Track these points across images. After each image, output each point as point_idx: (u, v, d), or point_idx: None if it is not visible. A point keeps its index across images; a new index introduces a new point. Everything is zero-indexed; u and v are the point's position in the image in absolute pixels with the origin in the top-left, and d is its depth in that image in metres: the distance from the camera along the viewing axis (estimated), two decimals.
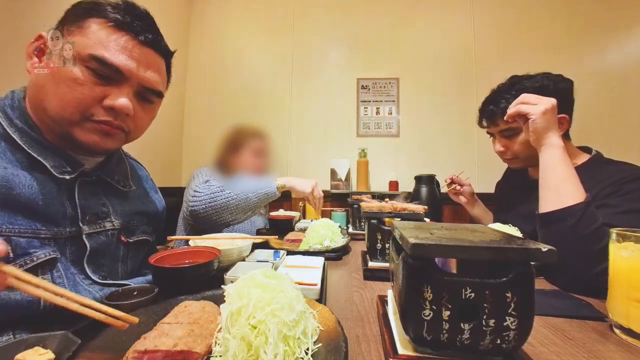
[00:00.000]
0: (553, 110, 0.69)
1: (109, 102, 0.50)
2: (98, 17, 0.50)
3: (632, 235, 0.44)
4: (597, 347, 0.40)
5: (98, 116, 0.50)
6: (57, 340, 0.33)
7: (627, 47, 1.81)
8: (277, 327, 0.32)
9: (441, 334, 0.32)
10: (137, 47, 0.52)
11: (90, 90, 0.49)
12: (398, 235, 0.37)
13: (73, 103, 0.48)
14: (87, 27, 0.49)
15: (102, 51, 0.49)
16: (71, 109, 0.49)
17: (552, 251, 0.29)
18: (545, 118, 0.69)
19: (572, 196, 0.63)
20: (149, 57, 0.54)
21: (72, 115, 0.49)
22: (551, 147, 0.69)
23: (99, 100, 0.50)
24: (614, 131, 1.78)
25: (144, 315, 0.41)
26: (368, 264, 0.72)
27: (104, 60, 0.49)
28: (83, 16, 0.50)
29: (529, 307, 0.30)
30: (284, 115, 2.05)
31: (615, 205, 0.67)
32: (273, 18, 2.09)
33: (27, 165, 0.49)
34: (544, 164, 0.70)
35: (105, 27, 0.50)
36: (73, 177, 0.53)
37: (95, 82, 0.49)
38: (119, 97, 0.51)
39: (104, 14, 0.50)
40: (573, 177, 0.66)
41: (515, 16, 1.94)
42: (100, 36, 0.49)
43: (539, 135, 0.70)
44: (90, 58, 0.48)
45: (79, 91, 0.48)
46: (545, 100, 0.69)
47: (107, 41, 0.49)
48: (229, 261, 0.68)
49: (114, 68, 0.50)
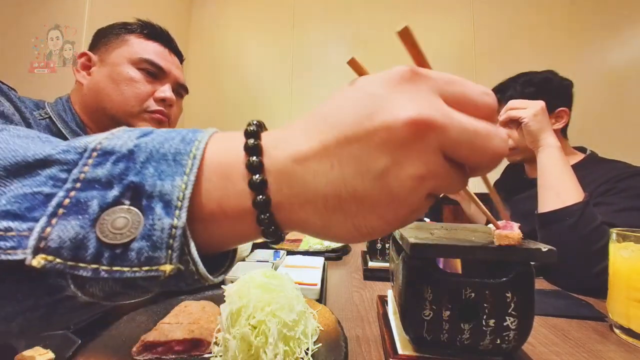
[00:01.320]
0: (543, 111, 0.70)
1: (160, 95, 0.63)
2: (132, 33, 0.64)
3: (632, 235, 0.44)
4: (597, 347, 0.40)
5: (152, 107, 0.63)
6: (57, 340, 0.33)
7: (627, 47, 1.81)
8: (277, 327, 0.32)
9: (441, 334, 0.32)
10: (169, 54, 0.67)
11: (144, 86, 0.62)
12: (398, 235, 0.37)
13: (133, 97, 0.60)
14: (128, 39, 0.63)
15: (148, 55, 0.62)
16: (132, 102, 0.61)
17: (552, 251, 0.29)
18: (537, 119, 0.70)
19: (570, 196, 0.64)
20: (175, 60, 0.69)
21: (133, 108, 0.61)
22: (548, 148, 0.70)
23: (151, 94, 0.63)
24: (613, 131, 1.77)
25: (144, 315, 0.41)
26: (368, 264, 0.72)
27: (152, 61, 0.62)
28: (119, 33, 0.63)
29: (529, 307, 0.30)
30: (284, 115, 2.05)
31: (611, 203, 0.68)
32: (273, 18, 2.09)
33: None
34: (541, 165, 0.71)
35: (143, 39, 0.64)
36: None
37: (147, 79, 0.62)
38: (166, 89, 0.64)
39: (137, 30, 0.64)
40: (571, 176, 0.66)
41: (515, 16, 1.93)
42: (143, 45, 0.63)
43: (534, 136, 0.71)
44: (141, 60, 0.62)
45: (136, 87, 0.61)
46: (533, 103, 0.71)
47: (147, 48, 0.63)
48: None
49: (159, 67, 0.63)
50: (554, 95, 0.83)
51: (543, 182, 0.70)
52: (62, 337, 0.34)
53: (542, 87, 0.85)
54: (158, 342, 0.34)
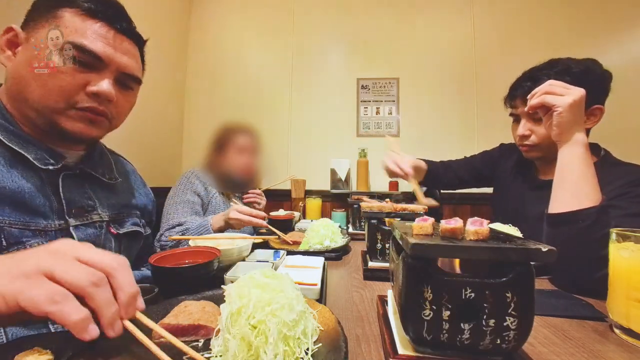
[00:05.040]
0: (581, 102, 0.62)
1: (92, 88, 0.51)
2: (70, 7, 0.50)
3: (632, 236, 0.44)
4: (597, 347, 0.40)
5: (82, 103, 0.51)
6: (57, 340, 0.33)
7: (628, 47, 1.81)
8: (277, 327, 0.32)
9: (441, 334, 0.32)
10: (113, 35, 0.53)
11: (72, 77, 0.50)
12: (398, 235, 0.37)
13: (56, 90, 0.49)
14: (61, 16, 0.50)
15: (80, 39, 0.49)
16: (55, 97, 0.49)
17: (552, 251, 0.29)
18: (573, 111, 0.61)
19: (588, 198, 0.60)
20: (124, 44, 0.55)
21: (57, 103, 0.50)
22: (574, 144, 0.63)
23: (82, 87, 0.51)
24: (613, 131, 1.77)
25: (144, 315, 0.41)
26: (368, 264, 0.72)
27: (83, 47, 0.49)
28: (54, 7, 0.50)
29: (529, 307, 0.30)
30: (284, 115, 2.05)
31: (623, 207, 0.64)
32: (273, 18, 2.09)
33: (8, 159, 0.49)
34: (562, 161, 0.65)
35: (79, 16, 0.50)
36: (57, 168, 0.53)
37: (76, 69, 0.50)
38: (101, 82, 0.52)
39: (75, 3, 0.51)
40: (592, 177, 0.61)
41: (515, 16, 1.93)
42: (76, 24, 0.50)
43: (562, 129, 0.63)
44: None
45: (61, 78, 0.49)
46: (574, 91, 0.61)
47: (83, 29, 0.50)
48: (229, 261, 0.68)
49: (93, 55, 0.50)
50: (592, 89, 0.70)
51: (561, 180, 0.64)
52: (62, 337, 0.33)
53: (581, 78, 0.71)
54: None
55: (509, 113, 0.89)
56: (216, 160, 1.23)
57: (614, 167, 0.75)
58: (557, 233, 0.62)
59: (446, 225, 0.34)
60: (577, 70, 0.74)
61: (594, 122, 0.76)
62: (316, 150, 2.02)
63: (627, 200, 0.65)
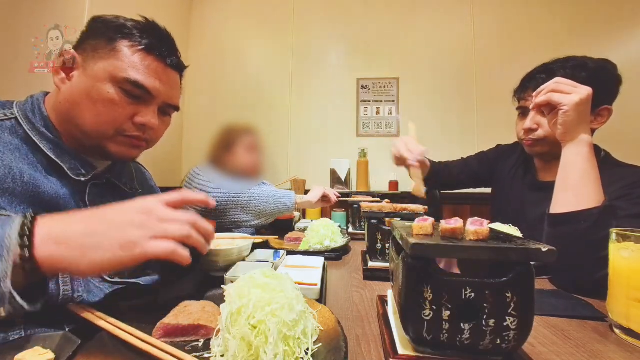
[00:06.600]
0: (588, 101, 0.61)
1: (141, 120, 0.55)
2: (128, 40, 0.54)
3: (632, 236, 0.44)
4: (597, 347, 0.40)
5: (129, 131, 0.56)
6: (57, 340, 0.33)
7: (628, 47, 1.81)
8: (277, 327, 0.32)
9: (441, 334, 0.32)
10: (165, 70, 0.58)
11: (124, 109, 0.54)
12: (398, 235, 0.37)
13: (109, 120, 0.54)
14: (119, 50, 0.53)
15: (136, 75, 0.53)
16: (107, 126, 0.54)
17: (552, 251, 0.29)
18: (579, 110, 0.60)
19: (590, 198, 0.59)
20: (172, 77, 0.60)
21: (107, 131, 0.54)
22: (579, 143, 0.62)
23: (131, 117, 0.55)
24: (613, 131, 1.77)
25: (144, 315, 0.41)
26: (368, 264, 0.72)
27: (138, 83, 0.53)
28: (112, 38, 0.54)
29: (529, 307, 0.30)
30: (284, 115, 2.05)
31: (623, 208, 0.63)
32: (273, 18, 2.09)
33: (45, 167, 0.52)
34: (566, 161, 0.64)
35: (137, 51, 0.54)
36: (87, 179, 0.56)
37: (128, 101, 0.54)
38: (148, 114, 0.56)
39: (134, 37, 0.54)
40: (595, 178, 0.61)
41: (515, 16, 1.93)
42: (134, 60, 0.54)
43: (568, 128, 0.62)
44: (126, 81, 0.53)
45: (114, 110, 0.53)
46: (581, 89, 0.61)
47: (140, 66, 0.54)
48: (229, 261, 0.68)
49: (145, 90, 0.55)
50: (604, 88, 0.71)
51: (563, 180, 0.64)
52: (62, 337, 0.34)
53: (596, 75, 0.72)
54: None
55: (516, 107, 0.88)
56: (223, 160, 1.25)
57: (614, 169, 0.75)
58: (558, 233, 0.62)
59: (446, 225, 0.34)
60: (593, 66, 0.73)
61: (601, 122, 0.75)
62: (316, 150, 2.02)
63: (627, 202, 0.65)
